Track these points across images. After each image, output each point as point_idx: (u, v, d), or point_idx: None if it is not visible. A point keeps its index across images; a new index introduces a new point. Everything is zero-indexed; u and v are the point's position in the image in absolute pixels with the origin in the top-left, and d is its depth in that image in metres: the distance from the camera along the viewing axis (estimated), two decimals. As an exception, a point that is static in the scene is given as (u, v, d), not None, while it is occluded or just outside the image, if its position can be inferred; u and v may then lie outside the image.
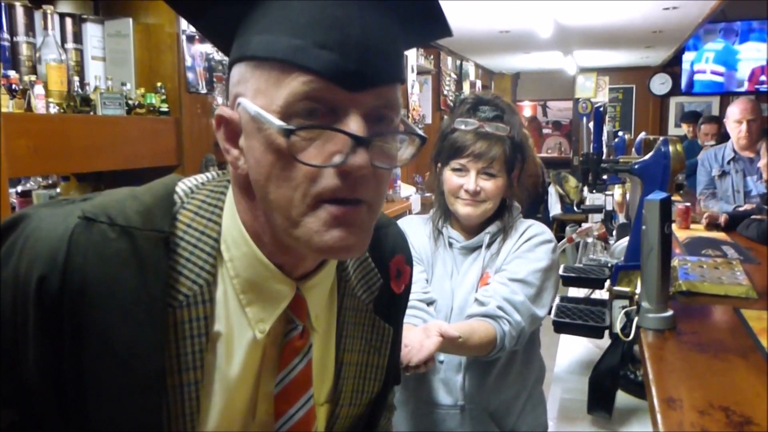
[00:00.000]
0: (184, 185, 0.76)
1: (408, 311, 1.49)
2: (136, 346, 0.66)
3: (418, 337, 1.27)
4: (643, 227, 1.54)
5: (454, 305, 1.58)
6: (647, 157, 1.97)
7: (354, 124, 0.64)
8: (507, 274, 1.54)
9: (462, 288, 1.59)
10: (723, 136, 4.13)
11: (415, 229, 1.67)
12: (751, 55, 7.56)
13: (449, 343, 1.30)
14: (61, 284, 0.64)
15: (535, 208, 7.17)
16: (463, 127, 1.57)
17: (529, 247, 1.59)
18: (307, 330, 0.78)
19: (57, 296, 0.64)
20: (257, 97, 0.65)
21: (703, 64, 7.87)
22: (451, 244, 1.64)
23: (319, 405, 0.83)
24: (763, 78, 7.58)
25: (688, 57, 8.01)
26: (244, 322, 0.74)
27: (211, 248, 0.72)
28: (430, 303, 1.56)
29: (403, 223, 1.71)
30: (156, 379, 0.68)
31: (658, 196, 1.52)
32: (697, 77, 8.02)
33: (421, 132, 0.71)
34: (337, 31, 0.63)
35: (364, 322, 0.86)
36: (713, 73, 7.80)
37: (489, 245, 1.61)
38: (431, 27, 0.76)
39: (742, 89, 7.63)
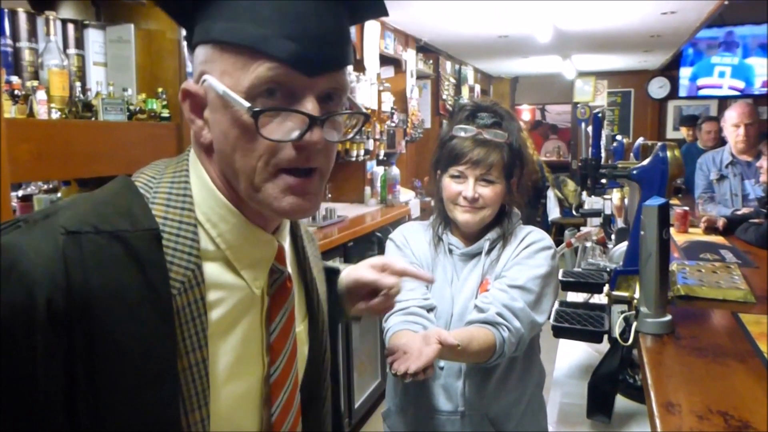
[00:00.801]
0: (139, 180, 0.80)
1: (408, 317, 1.51)
2: (148, 342, 0.70)
3: (417, 344, 1.28)
4: (642, 233, 1.55)
5: (454, 311, 1.59)
6: (645, 162, 1.99)
7: (310, 105, 0.73)
8: (506, 280, 1.55)
9: (462, 294, 1.60)
10: (724, 138, 4.13)
11: (416, 236, 1.68)
12: (760, 71, 7.63)
13: (448, 351, 1.31)
14: (67, 302, 0.66)
15: (535, 204, 7.19)
16: (461, 134, 1.58)
17: (528, 254, 1.59)
18: (289, 275, 0.87)
19: (66, 314, 0.66)
20: (224, 77, 0.73)
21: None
22: (451, 251, 1.64)
23: (297, 327, 0.91)
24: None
25: (685, 72, 8.04)
26: (240, 285, 0.81)
27: (193, 233, 0.77)
28: (430, 309, 1.57)
29: (404, 230, 1.72)
30: (170, 370, 0.72)
31: (656, 201, 1.54)
32: (704, 92, 8.03)
33: (363, 110, 0.83)
34: (298, 24, 0.72)
35: (309, 237, 1.00)
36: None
37: (489, 252, 1.61)
38: (369, 6, 0.85)
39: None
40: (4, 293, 0.65)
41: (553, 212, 7.57)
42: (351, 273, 1.13)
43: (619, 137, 5.25)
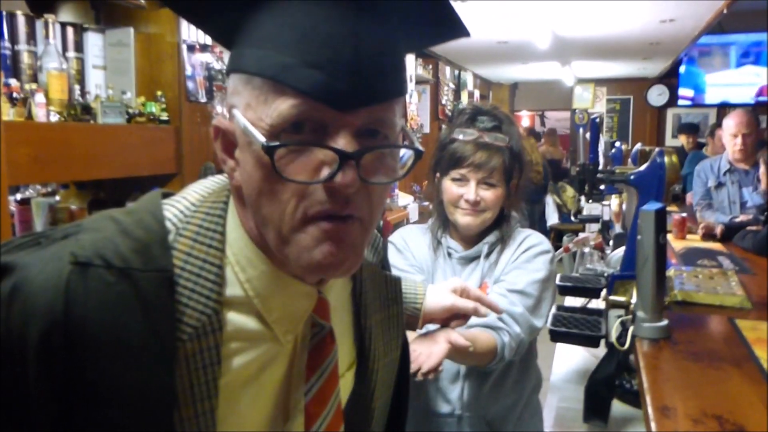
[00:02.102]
0: (174, 209, 0.71)
1: None
2: (145, 389, 0.64)
3: (425, 343, 1.27)
4: (639, 237, 1.55)
5: None
6: (643, 167, 1.99)
7: (342, 141, 0.62)
8: (506, 285, 1.55)
9: None
10: None
11: (415, 239, 1.69)
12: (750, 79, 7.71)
13: (456, 351, 1.30)
14: (63, 339, 0.61)
15: (536, 200, 7.20)
16: (462, 137, 1.58)
17: (527, 258, 1.60)
18: (332, 332, 0.76)
19: (61, 351, 0.61)
20: (247, 111, 0.64)
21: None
22: (450, 254, 1.65)
23: (341, 377, 0.81)
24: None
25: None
26: (267, 336, 0.72)
27: (215, 275, 0.68)
28: None
29: (403, 233, 1.72)
30: (166, 420, 0.65)
31: (652, 206, 1.54)
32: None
33: (419, 145, 0.71)
34: (328, 49, 0.61)
35: (377, 281, 0.87)
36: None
37: (488, 255, 1.62)
38: (443, 29, 0.74)
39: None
40: (2, 315, 0.61)
41: (552, 218, 7.58)
42: (439, 301, 1.21)
43: (617, 143, 5.27)
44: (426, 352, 1.24)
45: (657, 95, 8.79)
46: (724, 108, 7.74)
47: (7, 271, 0.63)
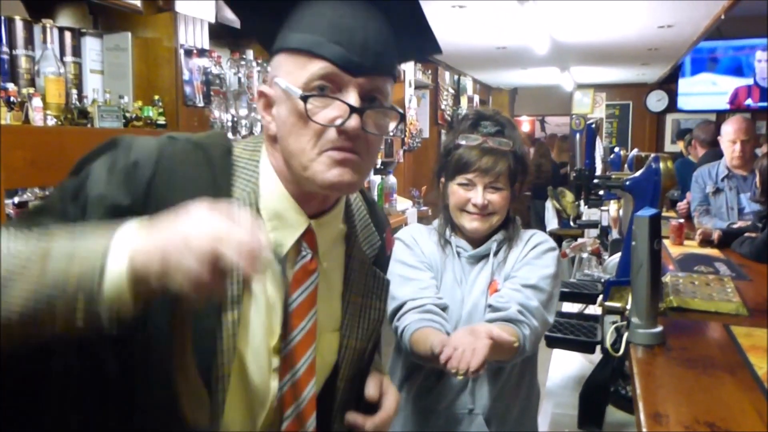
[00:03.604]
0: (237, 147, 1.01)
1: (425, 315, 1.51)
2: None
3: (466, 339, 1.26)
4: (633, 243, 1.55)
5: (463, 312, 1.60)
6: (638, 173, 1.99)
7: (352, 98, 0.89)
8: (519, 280, 1.56)
9: (471, 296, 1.61)
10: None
11: (423, 237, 1.70)
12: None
13: (496, 347, 1.29)
14: (152, 173, 0.89)
15: (543, 196, 7.20)
16: (467, 142, 1.60)
17: (536, 254, 1.61)
18: (315, 259, 0.98)
19: (148, 183, 0.88)
20: (288, 76, 0.91)
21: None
22: (458, 253, 1.66)
23: (327, 332, 1.03)
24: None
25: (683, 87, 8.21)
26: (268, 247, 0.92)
27: (253, 171, 0.96)
28: (443, 308, 1.57)
29: (411, 230, 1.73)
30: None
31: (647, 212, 1.54)
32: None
33: (400, 109, 0.97)
34: (346, 33, 0.89)
35: (366, 271, 1.07)
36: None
37: (496, 253, 1.63)
38: (422, 43, 1.02)
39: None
40: (118, 157, 0.90)
41: (552, 223, 7.57)
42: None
43: (616, 149, 5.26)
44: (469, 349, 1.22)
45: (656, 101, 8.80)
46: (723, 115, 7.74)
47: (122, 139, 0.93)
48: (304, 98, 0.88)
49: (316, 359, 0.99)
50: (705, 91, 8.06)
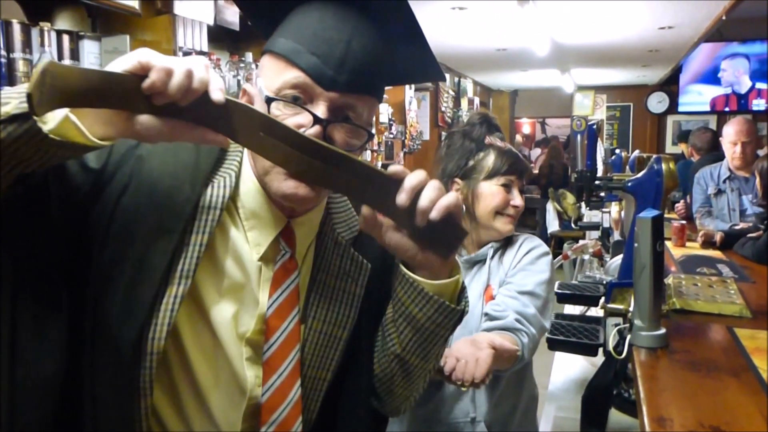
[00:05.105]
0: None
1: None
2: (173, 194, 0.90)
3: (468, 350, 1.24)
4: (636, 245, 1.54)
5: None
6: (640, 174, 1.98)
7: (319, 110, 0.88)
8: (514, 287, 1.55)
9: None
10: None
11: None
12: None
13: (498, 356, 1.28)
14: (137, 155, 0.91)
15: (559, 186, 7.22)
16: (500, 143, 1.60)
17: (530, 260, 1.61)
18: (295, 257, 0.98)
19: (132, 146, 0.91)
20: (267, 80, 0.91)
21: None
22: None
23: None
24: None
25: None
26: (245, 247, 0.95)
27: (236, 163, 0.97)
28: None
29: None
30: (179, 227, 0.89)
31: (649, 213, 1.53)
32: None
33: (369, 129, 0.94)
34: (326, 45, 0.88)
35: (342, 253, 1.01)
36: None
37: (492, 257, 1.62)
38: (423, 67, 1.02)
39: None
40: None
41: (553, 225, 7.56)
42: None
43: (617, 151, 5.25)
44: (472, 360, 1.21)
45: (657, 102, 8.77)
46: (723, 116, 7.73)
47: None
48: (269, 101, 0.88)
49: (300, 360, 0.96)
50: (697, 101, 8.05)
